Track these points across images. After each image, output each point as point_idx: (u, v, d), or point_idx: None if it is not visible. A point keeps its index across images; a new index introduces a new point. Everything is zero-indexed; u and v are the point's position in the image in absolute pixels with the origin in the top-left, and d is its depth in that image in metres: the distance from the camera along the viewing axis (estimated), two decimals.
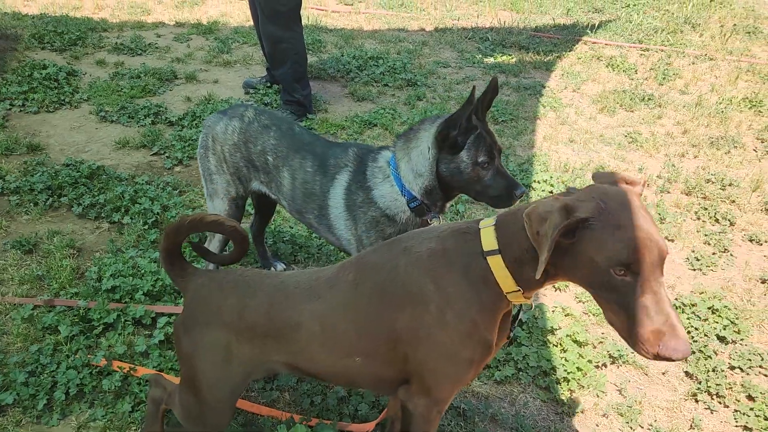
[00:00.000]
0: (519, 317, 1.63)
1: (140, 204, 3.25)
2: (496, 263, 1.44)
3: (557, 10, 7.13)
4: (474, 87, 1.94)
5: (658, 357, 1.24)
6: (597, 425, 2.25)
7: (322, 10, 6.72)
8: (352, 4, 7.06)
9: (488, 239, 1.46)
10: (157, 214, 3.20)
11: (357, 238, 2.25)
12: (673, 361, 1.24)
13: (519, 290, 1.44)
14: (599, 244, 1.26)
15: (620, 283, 1.26)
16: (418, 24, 6.54)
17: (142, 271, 2.76)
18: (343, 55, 5.45)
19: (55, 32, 5.53)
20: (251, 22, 6.23)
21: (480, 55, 5.71)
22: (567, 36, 6.29)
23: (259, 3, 4.05)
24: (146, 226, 3.13)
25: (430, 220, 2.17)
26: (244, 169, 2.43)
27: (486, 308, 1.48)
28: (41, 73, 4.69)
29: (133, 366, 2.27)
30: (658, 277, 1.26)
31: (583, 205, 1.28)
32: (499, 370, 2.41)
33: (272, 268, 2.93)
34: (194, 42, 5.78)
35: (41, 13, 6.15)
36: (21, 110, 4.31)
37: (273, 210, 2.86)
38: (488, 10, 7.03)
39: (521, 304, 1.55)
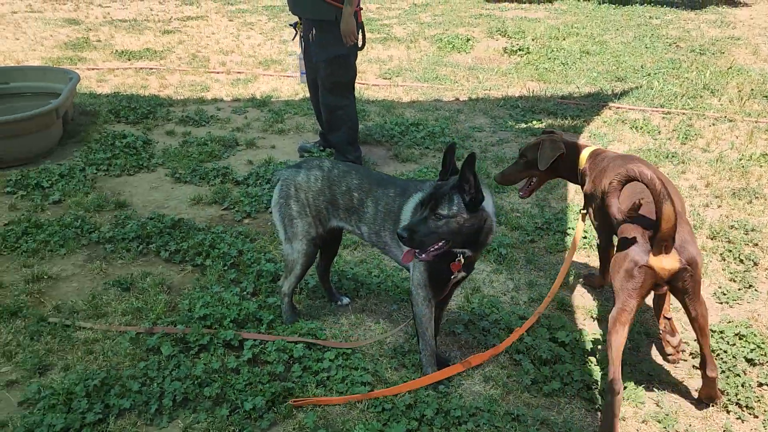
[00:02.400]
0: None
1: (219, 249, 3.69)
2: None
3: (582, 79, 7.65)
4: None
5: None
6: (637, 430, 2.52)
7: (364, 83, 7.34)
8: (390, 78, 7.69)
9: None
10: (234, 256, 3.63)
11: None
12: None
13: None
14: None
15: None
16: (453, 94, 7.10)
17: (227, 303, 3.16)
18: (386, 122, 5.99)
19: (129, 107, 6.19)
20: (300, 96, 6.91)
21: (512, 121, 6.20)
22: (592, 102, 6.77)
23: (320, 76, 4.62)
24: (225, 267, 3.56)
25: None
26: (324, 211, 2.85)
27: None
28: (122, 142, 5.29)
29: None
30: None
31: None
32: (547, 384, 2.70)
33: (338, 303, 3.30)
34: (250, 114, 6.39)
35: (114, 92, 6.86)
36: (105, 173, 4.87)
37: (337, 249, 3.26)
38: (517, 81, 7.59)
39: None
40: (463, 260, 2.52)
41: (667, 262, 2.35)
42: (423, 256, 2.41)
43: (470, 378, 2.82)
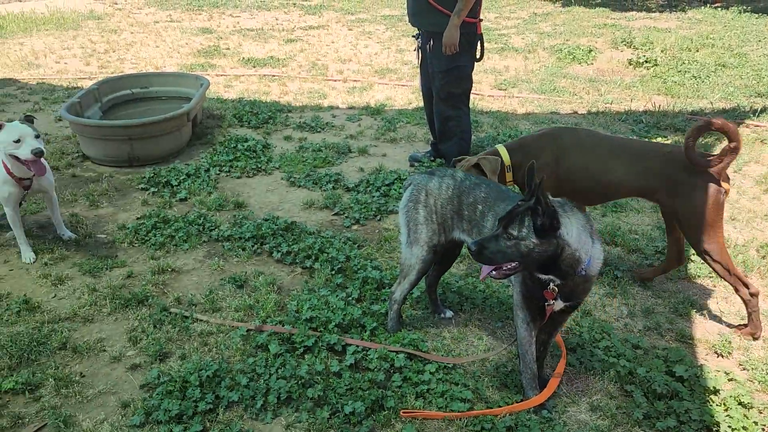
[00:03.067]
0: None
1: (327, 253, 3.78)
2: None
3: (716, 94, 7.14)
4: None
5: None
6: None
7: (478, 94, 7.27)
8: (505, 89, 7.56)
9: None
10: (342, 261, 3.71)
11: None
12: None
13: None
14: None
15: None
16: (571, 107, 6.86)
17: (333, 307, 3.22)
18: (499, 134, 5.89)
19: (251, 112, 6.52)
20: (413, 105, 6.96)
21: (634, 136, 5.88)
22: (727, 119, 6.27)
23: (436, 86, 4.64)
24: (333, 272, 3.64)
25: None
26: (449, 221, 2.84)
27: None
28: (243, 145, 5.57)
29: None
30: None
31: None
32: (661, 421, 2.52)
33: (442, 315, 3.27)
34: (364, 122, 6.52)
35: (239, 98, 7.26)
36: (227, 175, 5.15)
37: (452, 262, 3.23)
38: (642, 95, 7.21)
39: None
40: (555, 288, 2.39)
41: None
42: (494, 273, 2.34)
43: (576, 405, 2.69)
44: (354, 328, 3.12)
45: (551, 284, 2.36)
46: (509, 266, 2.31)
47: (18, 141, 3.45)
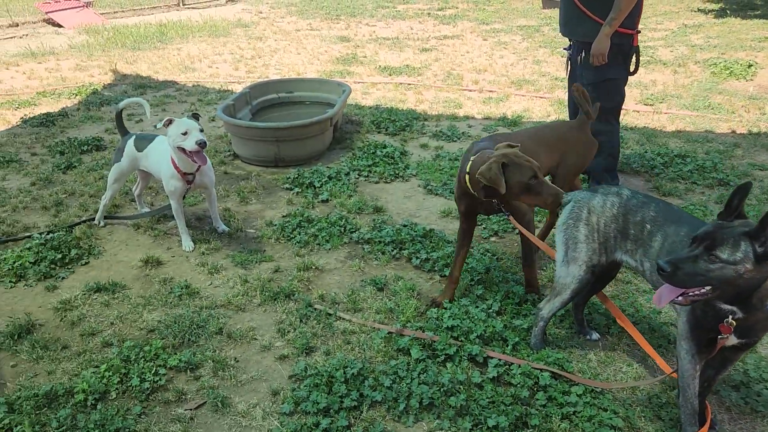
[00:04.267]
0: None
1: (467, 263, 3.76)
2: None
3: None
4: None
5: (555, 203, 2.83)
6: None
7: (623, 109, 6.93)
8: (652, 104, 7.16)
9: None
10: (482, 273, 3.67)
11: None
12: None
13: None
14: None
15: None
16: (728, 126, 6.37)
17: (474, 317, 3.20)
18: (646, 152, 5.59)
19: (389, 119, 6.65)
20: (552, 118, 6.78)
21: None
22: None
23: None
24: (473, 282, 3.61)
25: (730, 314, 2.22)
26: (612, 240, 2.72)
27: None
28: (382, 151, 5.70)
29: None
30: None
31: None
32: None
33: (588, 337, 3.14)
34: (500, 132, 6.43)
35: (376, 105, 7.44)
36: (365, 179, 5.28)
37: (606, 284, 3.09)
38: None
39: None
40: (734, 323, 2.20)
41: None
42: (681, 299, 2.17)
43: None
44: (495, 341, 3.07)
45: (730, 317, 2.18)
46: (699, 291, 2.13)
47: (185, 134, 3.75)
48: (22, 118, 6.95)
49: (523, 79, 8.40)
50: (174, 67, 9.52)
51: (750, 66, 8.27)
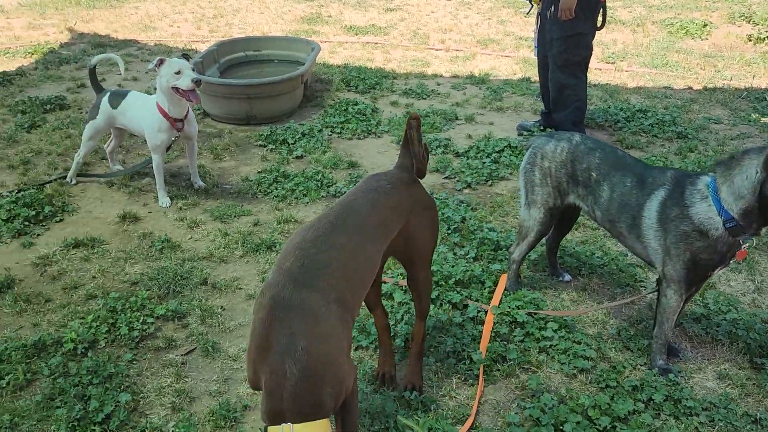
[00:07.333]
0: None
1: (443, 213, 3.88)
2: None
3: None
4: None
5: None
6: None
7: None
8: (613, 62, 7.34)
9: None
10: (458, 222, 3.79)
11: (665, 249, 2.53)
12: None
13: None
14: None
15: None
16: (685, 83, 6.60)
17: (451, 264, 3.32)
18: (610, 107, 5.76)
19: (358, 78, 6.65)
20: (518, 76, 6.89)
21: (756, 114, 5.62)
22: None
23: (552, 53, 4.59)
24: (449, 231, 3.73)
25: (743, 242, 2.38)
26: (564, 184, 2.87)
27: None
28: (354, 108, 5.72)
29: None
30: None
31: None
32: None
33: (560, 279, 3.31)
34: (469, 90, 6.53)
35: (344, 64, 7.41)
36: (339, 136, 5.32)
37: (570, 227, 3.26)
38: (765, 72, 6.83)
39: None
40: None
41: None
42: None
43: (702, 372, 2.68)
44: (474, 284, 3.21)
45: (746, 243, 2.40)
46: None
47: (178, 73, 3.74)
48: None
49: (489, 39, 8.47)
50: (133, 26, 9.24)
51: (705, 25, 8.52)
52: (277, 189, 4.30)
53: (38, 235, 3.78)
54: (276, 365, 1.65)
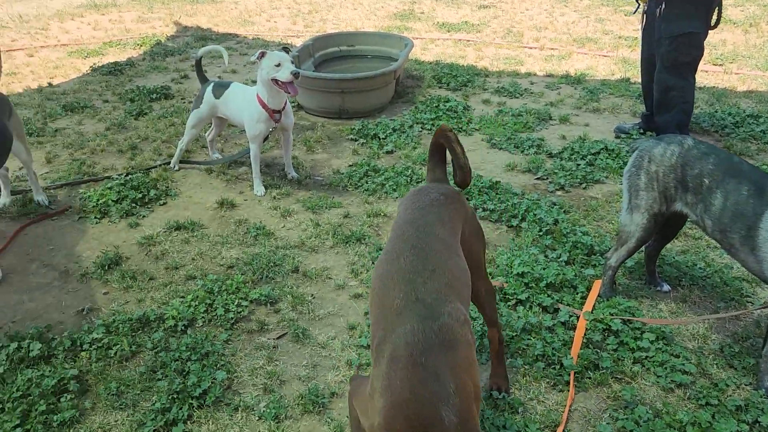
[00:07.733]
0: None
1: (535, 214, 3.79)
2: None
3: None
4: None
5: None
6: None
7: None
8: (722, 65, 6.93)
9: None
10: (550, 224, 3.70)
11: None
12: None
13: None
14: None
15: None
16: None
17: (542, 266, 3.25)
18: (716, 111, 5.45)
19: (450, 75, 6.62)
20: (617, 76, 6.64)
21: None
22: None
23: (660, 52, 4.38)
24: (541, 233, 3.65)
25: None
26: (672, 190, 2.73)
27: None
28: (445, 105, 5.70)
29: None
30: None
31: None
32: None
33: (658, 288, 3.16)
34: (564, 90, 6.35)
35: (436, 61, 7.39)
36: (429, 132, 5.31)
37: (675, 234, 3.10)
38: None
39: None
40: None
41: None
42: None
43: None
44: (566, 288, 3.12)
45: None
46: None
47: (278, 65, 3.86)
48: (91, 66, 7.18)
49: (586, 37, 8.20)
50: (233, 20, 9.61)
51: None
52: (367, 183, 4.35)
53: (144, 216, 4.01)
54: (431, 417, 1.48)
